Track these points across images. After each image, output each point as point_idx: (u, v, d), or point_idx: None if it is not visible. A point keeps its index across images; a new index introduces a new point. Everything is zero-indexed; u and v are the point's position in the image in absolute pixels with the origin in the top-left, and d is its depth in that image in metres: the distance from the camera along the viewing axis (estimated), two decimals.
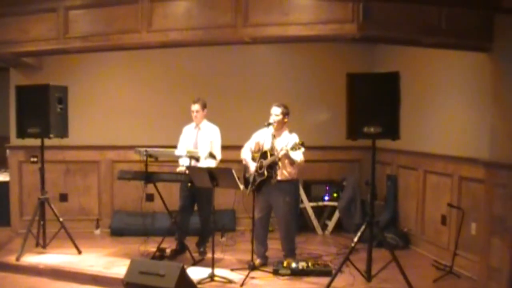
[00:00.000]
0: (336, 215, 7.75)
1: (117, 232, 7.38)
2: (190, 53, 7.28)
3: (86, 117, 7.49)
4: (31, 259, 6.11)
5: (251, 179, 5.75)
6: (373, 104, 5.10)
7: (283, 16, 4.92)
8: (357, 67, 8.02)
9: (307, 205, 7.67)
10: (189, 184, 5.89)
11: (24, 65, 7.08)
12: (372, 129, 5.07)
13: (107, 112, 7.67)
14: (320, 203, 7.78)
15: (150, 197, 7.59)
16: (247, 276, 5.43)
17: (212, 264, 5.45)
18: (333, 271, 5.52)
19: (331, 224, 7.77)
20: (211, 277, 5.37)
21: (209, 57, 7.64)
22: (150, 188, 7.51)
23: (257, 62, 7.94)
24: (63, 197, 7.53)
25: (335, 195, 7.82)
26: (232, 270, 5.79)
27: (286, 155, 5.53)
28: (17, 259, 5.99)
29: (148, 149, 6.04)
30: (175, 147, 6.46)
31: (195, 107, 6.29)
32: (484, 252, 5.22)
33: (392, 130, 5.09)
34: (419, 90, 6.71)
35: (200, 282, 5.25)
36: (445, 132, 6.26)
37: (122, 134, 7.66)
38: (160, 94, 7.77)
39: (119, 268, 5.72)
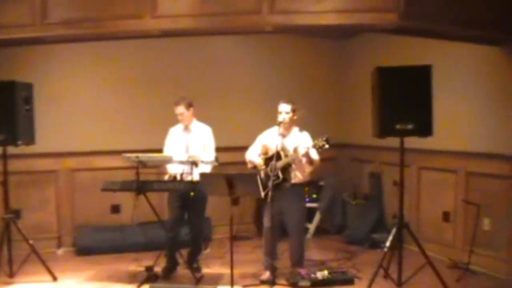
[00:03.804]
0: (317, 217, 7.40)
1: (84, 250, 6.39)
2: (169, 45, 6.63)
3: (39, 120, 6.37)
4: None
5: (262, 184, 5.20)
6: (404, 99, 4.80)
7: (317, 3, 4.43)
8: (333, 61, 7.82)
9: None
10: (191, 193, 5.21)
11: None
12: (409, 126, 4.77)
13: (63, 113, 6.66)
14: None
15: (116, 209, 6.80)
16: None
17: (231, 282, 4.81)
18: (355, 279, 5.29)
19: (312, 226, 7.39)
20: None
21: (190, 50, 6.97)
22: (116, 199, 6.76)
23: (232, 55, 7.36)
24: (15, 214, 6.37)
25: (314, 195, 7.46)
26: (244, 286, 5.22)
27: (307, 154, 5.06)
28: None
29: (140, 155, 5.25)
30: (150, 151, 5.67)
31: (179, 109, 5.56)
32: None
33: (424, 127, 4.83)
34: None
35: None
36: (445, 127, 6.10)
37: (82, 138, 6.70)
38: (127, 92, 6.92)
39: None
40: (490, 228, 5.54)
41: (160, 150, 5.76)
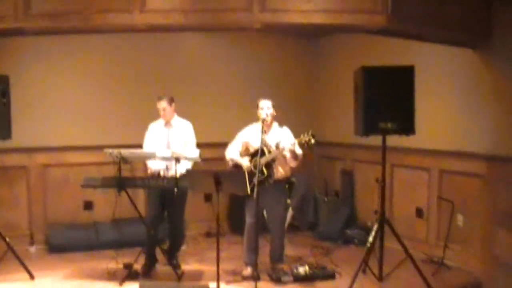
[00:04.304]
0: (289, 213, 7.45)
1: (57, 248, 6.22)
2: (147, 40, 6.58)
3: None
4: None
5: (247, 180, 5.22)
6: (387, 98, 4.92)
7: (306, 2, 4.47)
8: (307, 59, 7.90)
9: None
10: (176, 190, 5.16)
11: None
12: (389, 125, 4.89)
13: (34, 107, 6.44)
14: None
15: (88, 205, 6.66)
16: None
17: (217, 278, 4.80)
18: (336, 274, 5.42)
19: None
20: None
21: (168, 46, 6.92)
22: (89, 195, 6.63)
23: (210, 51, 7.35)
24: None
25: None
26: (227, 282, 5.24)
27: (292, 149, 5.11)
28: None
29: (122, 151, 5.15)
30: (126, 146, 5.55)
31: (162, 104, 5.49)
32: (486, 244, 5.35)
33: (407, 125, 4.97)
34: None
35: None
36: (419, 126, 6.25)
37: (54, 133, 6.52)
38: (102, 86, 6.79)
39: None
40: (464, 224, 5.75)
41: (136, 146, 5.67)
